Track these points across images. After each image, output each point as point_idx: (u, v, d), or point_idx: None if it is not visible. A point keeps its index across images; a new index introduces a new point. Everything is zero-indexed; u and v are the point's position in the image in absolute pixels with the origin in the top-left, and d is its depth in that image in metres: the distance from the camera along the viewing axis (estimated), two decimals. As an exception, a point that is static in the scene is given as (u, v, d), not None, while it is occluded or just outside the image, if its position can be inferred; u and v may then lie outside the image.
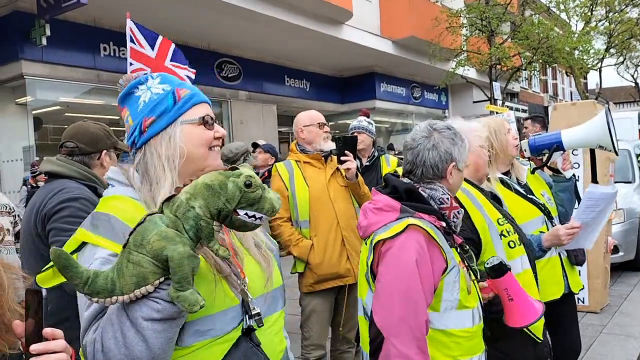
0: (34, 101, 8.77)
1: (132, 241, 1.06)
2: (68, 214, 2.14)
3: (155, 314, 1.06)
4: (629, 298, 5.83)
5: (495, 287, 1.93)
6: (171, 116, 1.31)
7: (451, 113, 19.66)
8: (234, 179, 1.10)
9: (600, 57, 21.43)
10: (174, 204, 1.09)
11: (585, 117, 5.33)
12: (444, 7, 15.97)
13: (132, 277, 1.04)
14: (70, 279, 1.02)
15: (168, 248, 1.03)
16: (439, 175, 1.82)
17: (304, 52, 13.10)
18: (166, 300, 1.06)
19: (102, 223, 1.23)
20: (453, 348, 1.74)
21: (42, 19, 7.93)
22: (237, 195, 1.09)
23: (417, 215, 1.75)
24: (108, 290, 1.04)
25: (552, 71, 29.32)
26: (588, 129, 2.88)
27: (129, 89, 1.34)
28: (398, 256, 1.69)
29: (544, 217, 2.74)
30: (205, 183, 1.09)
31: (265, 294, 1.34)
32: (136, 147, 1.32)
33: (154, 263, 1.05)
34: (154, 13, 9.16)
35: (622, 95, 39.53)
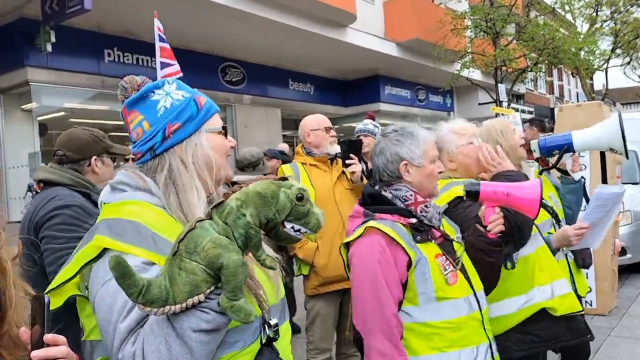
0: (39, 107, 8.80)
1: (184, 248, 1.02)
2: (60, 221, 2.13)
3: (205, 325, 1.03)
4: (637, 300, 5.77)
5: (489, 200, 1.89)
6: (196, 124, 1.30)
7: (456, 115, 19.59)
8: (286, 190, 1.09)
9: (606, 57, 21.33)
10: (224, 211, 1.06)
11: (591, 118, 5.31)
12: (449, 9, 15.93)
13: (186, 286, 1.01)
14: (126, 287, 0.98)
15: (224, 256, 1.01)
16: (395, 176, 1.92)
17: (308, 56, 13.10)
18: (215, 310, 1.03)
19: (128, 230, 1.17)
20: (436, 340, 1.77)
21: (47, 26, 7.97)
22: (288, 207, 1.08)
23: (377, 217, 1.85)
24: (162, 299, 1.00)
25: (558, 72, 29.19)
26: (600, 131, 2.84)
27: (144, 93, 1.31)
28: (361, 259, 1.82)
29: (552, 219, 2.74)
30: (258, 191, 1.08)
31: (277, 303, 1.34)
32: (154, 154, 1.28)
33: (206, 271, 1.02)
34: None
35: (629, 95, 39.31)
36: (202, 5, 8.91)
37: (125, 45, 9.63)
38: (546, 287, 2.26)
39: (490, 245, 1.91)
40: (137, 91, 1.32)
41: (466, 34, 15.90)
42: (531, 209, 1.84)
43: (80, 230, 2.13)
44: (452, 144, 2.36)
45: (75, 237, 2.08)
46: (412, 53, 14.57)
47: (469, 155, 2.35)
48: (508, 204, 1.88)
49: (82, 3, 7.32)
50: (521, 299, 2.23)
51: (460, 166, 2.35)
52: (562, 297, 2.29)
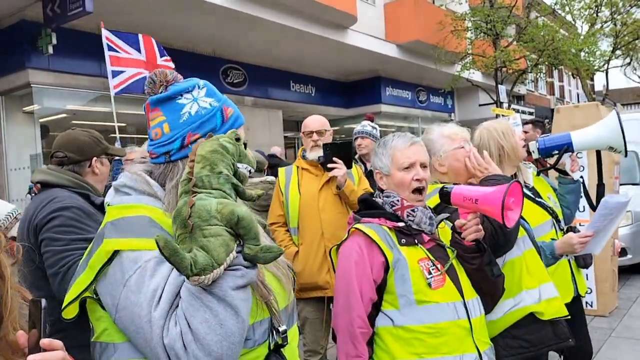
0: (41, 109, 8.83)
1: (198, 220, 1.07)
2: (59, 223, 2.11)
3: (240, 280, 1.07)
4: (637, 301, 5.78)
5: (460, 205, 1.87)
6: None
7: (457, 116, 19.61)
8: (224, 138, 1.18)
9: (606, 58, 21.33)
10: (203, 181, 1.11)
11: (589, 118, 5.33)
12: (449, 10, 15.95)
13: (220, 247, 1.05)
14: (179, 262, 1.00)
15: (236, 210, 1.08)
16: (378, 185, 2.04)
17: (309, 57, 13.12)
18: (243, 265, 1.08)
19: (136, 225, 1.17)
20: (415, 345, 1.75)
21: (49, 28, 8.00)
22: (235, 150, 1.18)
23: (363, 221, 1.92)
24: (210, 264, 1.03)
25: (559, 73, 29.19)
26: (600, 129, 2.86)
27: (172, 94, 1.27)
28: (342, 260, 1.90)
29: (552, 220, 2.75)
30: (210, 150, 1.14)
31: (286, 307, 1.34)
32: (169, 159, 1.27)
33: (227, 230, 1.08)
34: (159, 20, 9.22)
35: (630, 96, 39.29)
36: (203, 7, 8.94)
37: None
38: (534, 290, 2.25)
39: (465, 252, 1.89)
40: (164, 87, 1.29)
41: (466, 35, 15.91)
42: (497, 216, 1.74)
43: (81, 231, 2.11)
44: (443, 148, 2.37)
45: (76, 238, 2.09)
46: (412, 54, 14.59)
47: (459, 159, 2.35)
48: (478, 210, 1.85)
49: (83, 5, 7.36)
50: (509, 302, 2.21)
51: (450, 170, 2.36)
52: (548, 301, 2.28)
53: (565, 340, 2.30)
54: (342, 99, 15.56)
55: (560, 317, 2.30)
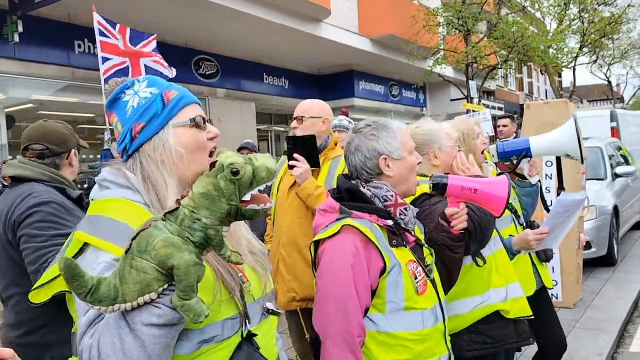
0: (7, 99, 8.59)
1: (135, 246, 1.02)
2: (38, 219, 2.07)
3: (155, 319, 1.04)
4: (600, 293, 5.96)
5: (454, 195, 1.85)
6: (161, 120, 1.28)
7: (429, 111, 19.81)
8: (222, 174, 1.05)
9: (574, 55, 21.83)
10: (178, 217, 1.05)
11: (558, 115, 5.46)
12: (422, 5, 16.07)
13: (136, 285, 1.01)
14: (75, 288, 0.99)
15: (175, 256, 1.00)
16: (376, 172, 1.82)
17: (283, 50, 13.06)
18: (167, 306, 1.05)
19: (105, 226, 1.19)
20: (401, 352, 1.71)
21: (14, 15, 7.76)
22: (234, 189, 1.05)
23: (354, 216, 1.74)
24: (111, 298, 1.01)
25: (528, 70, 29.74)
26: (557, 137, 2.92)
27: (116, 95, 1.32)
28: (333, 259, 1.70)
29: (512, 215, 2.83)
30: (201, 192, 1.05)
31: (262, 298, 1.35)
32: (128, 154, 1.30)
33: (158, 270, 1.02)
34: (129, 9, 9.04)
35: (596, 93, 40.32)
36: (178, 1, 8.81)
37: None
38: (501, 289, 2.30)
39: (452, 241, 1.88)
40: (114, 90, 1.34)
41: (438, 30, 16.06)
42: (498, 207, 1.81)
43: (61, 227, 2.08)
44: (442, 142, 2.39)
45: (56, 234, 2.06)
46: (386, 49, 14.66)
47: (451, 156, 2.39)
48: (475, 200, 1.85)
49: (51, -7, 7.17)
50: (477, 299, 2.26)
51: (443, 164, 2.38)
52: (514, 300, 2.34)
53: (526, 339, 2.36)
54: (316, 92, 15.54)
55: (524, 317, 2.36)
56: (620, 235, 7.72)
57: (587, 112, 11.42)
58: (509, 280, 2.35)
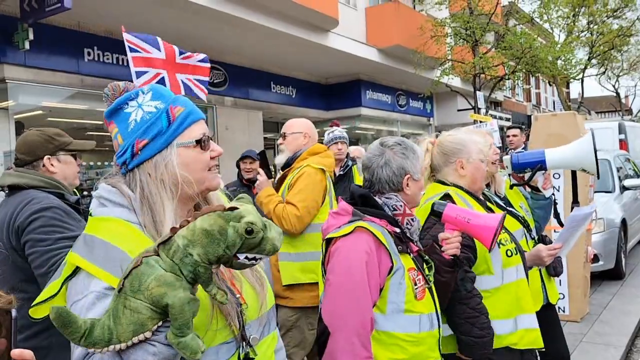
0: (16, 105, 8.65)
1: (128, 286, 1.01)
2: (41, 224, 2.10)
3: (150, 357, 1.02)
4: (608, 307, 5.90)
5: (450, 222, 1.98)
6: (166, 139, 1.24)
7: (436, 121, 19.80)
8: (235, 224, 1.03)
9: (582, 67, 21.78)
10: (170, 248, 1.03)
11: (566, 127, 5.43)
12: (430, 16, 16.11)
13: (130, 325, 1.00)
14: (68, 334, 0.99)
15: (168, 295, 0.99)
16: (396, 189, 1.95)
17: (290, 59, 13.11)
18: (162, 343, 1.03)
19: (99, 251, 1.15)
20: (397, 352, 1.79)
21: (25, 23, 7.84)
22: (238, 242, 1.03)
23: (366, 219, 1.86)
24: (105, 340, 1.00)
25: (536, 80, 29.69)
26: (574, 151, 2.90)
27: (118, 105, 1.27)
28: (347, 256, 1.80)
29: (523, 229, 2.78)
30: (204, 229, 1.03)
31: (260, 317, 1.32)
32: (127, 169, 1.26)
33: (152, 309, 1.01)
34: (139, 18, 9.12)
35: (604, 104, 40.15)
36: (183, 6, 8.87)
37: (105, 44, 9.53)
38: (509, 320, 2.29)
39: (442, 264, 1.96)
40: (117, 99, 1.29)
41: (446, 41, 16.08)
42: (486, 239, 1.92)
43: (65, 230, 2.12)
44: (472, 154, 2.41)
45: (61, 237, 2.09)
46: (393, 59, 14.69)
47: (479, 169, 2.41)
48: (467, 229, 1.97)
49: (61, 1, 7.21)
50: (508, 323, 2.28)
51: (469, 176, 2.40)
52: (527, 331, 2.32)
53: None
54: (323, 102, 15.59)
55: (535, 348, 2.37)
56: (628, 248, 7.65)
57: (596, 124, 11.36)
58: (524, 310, 2.33)
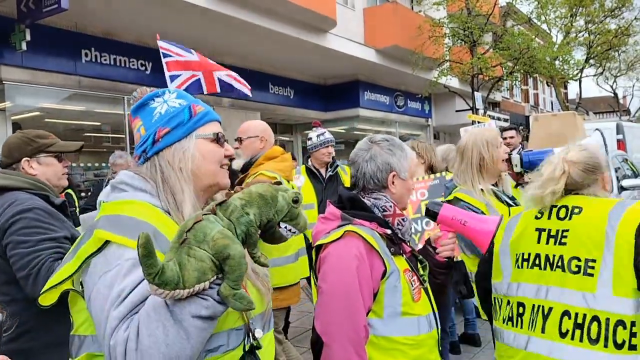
0: (13, 106, 8.63)
1: (192, 237, 1.08)
2: (23, 225, 2.09)
3: (204, 311, 1.06)
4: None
5: (445, 224, 1.97)
6: (187, 129, 1.35)
7: (434, 122, 19.80)
8: (283, 194, 1.19)
9: (580, 67, 21.81)
10: (228, 208, 1.13)
11: (566, 127, 5.44)
12: (427, 16, 16.11)
13: (195, 272, 1.05)
14: (147, 266, 1.00)
15: (231, 247, 1.07)
16: (381, 185, 1.90)
17: (288, 60, 13.11)
18: (214, 298, 1.08)
19: (129, 224, 1.20)
20: (397, 356, 1.75)
21: (22, 24, 7.82)
22: (285, 209, 1.19)
23: (356, 222, 1.81)
24: (174, 282, 1.03)
25: (533, 81, 29.73)
26: None
27: (145, 101, 1.38)
28: (338, 262, 1.75)
29: None
30: (260, 193, 1.17)
31: (263, 313, 1.38)
32: (147, 156, 1.34)
33: (213, 260, 1.07)
34: (137, 19, 9.12)
35: (602, 105, 40.29)
36: (180, 7, 8.86)
37: (103, 45, 9.51)
38: None
39: (435, 267, 1.96)
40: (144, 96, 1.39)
41: (444, 41, 16.09)
42: (483, 243, 1.90)
43: (47, 231, 2.11)
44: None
45: (43, 239, 2.08)
46: (391, 59, 14.68)
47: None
48: (463, 232, 1.95)
49: (58, 2, 7.20)
50: None
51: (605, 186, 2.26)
52: None
53: None
54: (321, 102, 15.58)
55: None
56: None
57: (594, 125, 11.37)
58: None
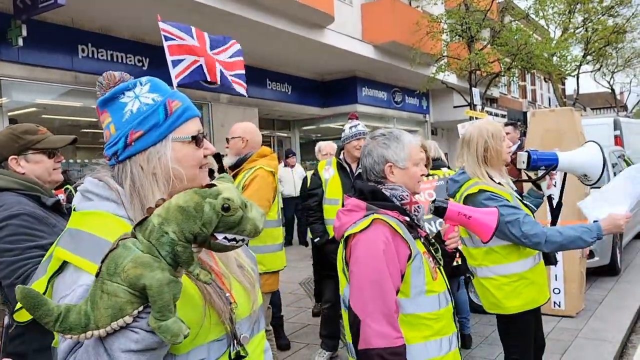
0: (10, 102, 8.61)
1: (105, 269, 0.98)
2: (9, 232, 2.00)
3: (133, 345, 0.99)
4: (604, 303, 5.92)
5: (452, 219, 2.16)
6: (162, 132, 1.22)
7: (432, 118, 19.80)
8: (211, 201, 1.00)
9: (577, 63, 21.81)
10: (147, 229, 1.00)
11: (563, 123, 5.43)
12: (425, 12, 16.09)
13: (108, 310, 0.96)
14: (40, 318, 0.94)
15: (145, 276, 0.95)
16: (380, 176, 2.09)
17: (286, 56, 13.08)
18: (145, 330, 1.00)
19: (87, 244, 1.12)
20: (424, 330, 1.95)
21: (19, 20, 7.79)
22: (215, 220, 1.00)
23: (381, 212, 1.99)
24: (82, 325, 0.96)
25: (531, 77, 29.72)
26: (585, 158, 3.03)
27: (114, 94, 1.24)
28: (367, 247, 1.93)
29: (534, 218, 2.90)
30: (179, 205, 0.99)
31: (250, 315, 1.30)
32: (117, 160, 1.23)
33: (130, 292, 0.97)
34: (133, 15, 9.08)
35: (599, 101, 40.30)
36: (178, 3, 8.83)
37: (99, 41, 9.48)
38: None
39: (444, 257, 2.14)
40: (113, 88, 1.25)
41: (442, 37, 16.07)
42: (486, 234, 2.13)
43: (34, 238, 2.02)
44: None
45: (30, 246, 2.00)
46: (389, 55, 14.67)
47: None
48: (468, 225, 2.16)
49: (55, -2, 7.18)
50: None
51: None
52: None
53: None
54: (318, 99, 15.57)
55: None
56: (623, 244, 7.67)
57: (591, 120, 11.38)
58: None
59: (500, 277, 2.81)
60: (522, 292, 2.77)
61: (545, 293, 2.89)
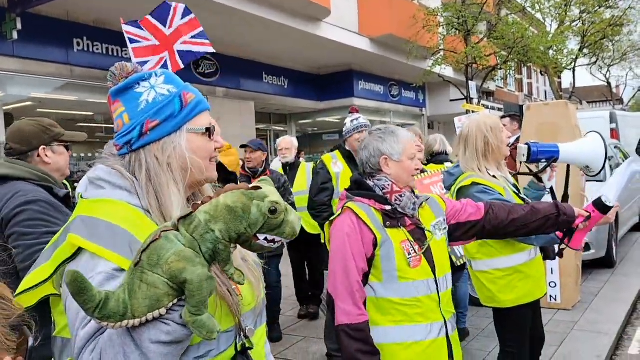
0: (5, 96, 8.57)
1: (146, 260, 0.98)
2: (27, 217, 2.05)
3: (164, 337, 1.00)
4: (599, 295, 5.95)
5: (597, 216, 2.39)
6: (177, 122, 1.24)
7: (428, 111, 19.80)
8: (258, 203, 1.03)
9: (573, 57, 21.82)
10: (191, 224, 1.01)
11: (558, 116, 5.44)
12: (422, 5, 16.05)
13: (146, 300, 0.97)
14: (83, 303, 0.94)
15: (187, 270, 0.97)
16: (376, 169, 2.20)
17: (282, 49, 13.04)
18: (176, 322, 1.01)
19: (103, 231, 1.12)
20: (396, 315, 2.06)
21: (13, 13, 7.73)
22: (260, 221, 1.03)
23: (356, 200, 2.15)
24: (120, 314, 0.96)
25: (527, 70, 29.72)
26: (587, 151, 3.02)
27: (129, 84, 1.25)
28: (335, 232, 2.13)
29: None
30: (228, 205, 1.02)
31: (255, 308, 1.32)
32: (131, 149, 1.24)
33: (169, 285, 0.98)
34: (128, 8, 9.02)
35: (595, 94, 40.34)
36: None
37: (95, 34, 9.43)
38: None
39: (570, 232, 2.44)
40: (126, 79, 1.26)
41: (438, 31, 16.04)
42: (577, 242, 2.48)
43: (51, 225, 2.07)
44: None
45: (47, 232, 2.04)
46: (385, 49, 14.64)
47: None
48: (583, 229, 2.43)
49: (50, -10, 7.14)
50: None
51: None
52: None
53: None
54: (315, 92, 15.54)
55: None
56: (619, 237, 7.71)
57: (587, 114, 11.40)
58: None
59: (494, 271, 2.83)
60: (517, 285, 2.79)
61: (542, 287, 2.91)
